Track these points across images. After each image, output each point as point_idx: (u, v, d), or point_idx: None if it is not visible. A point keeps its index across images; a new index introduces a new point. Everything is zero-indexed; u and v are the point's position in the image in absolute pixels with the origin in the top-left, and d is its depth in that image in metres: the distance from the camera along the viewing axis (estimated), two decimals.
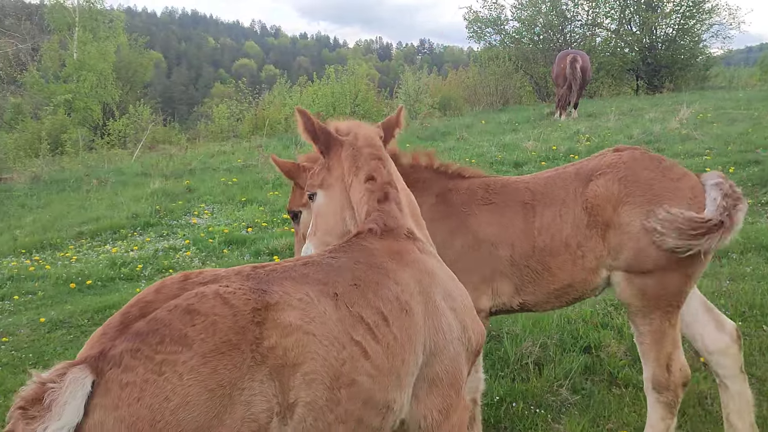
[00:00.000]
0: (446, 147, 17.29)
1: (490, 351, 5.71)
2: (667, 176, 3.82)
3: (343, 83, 30.04)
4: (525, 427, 4.70)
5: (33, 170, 18.38)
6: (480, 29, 33.58)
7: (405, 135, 19.70)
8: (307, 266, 2.62)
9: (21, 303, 8.74)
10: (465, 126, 20.87)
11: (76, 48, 38.68)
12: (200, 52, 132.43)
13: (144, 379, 1.95)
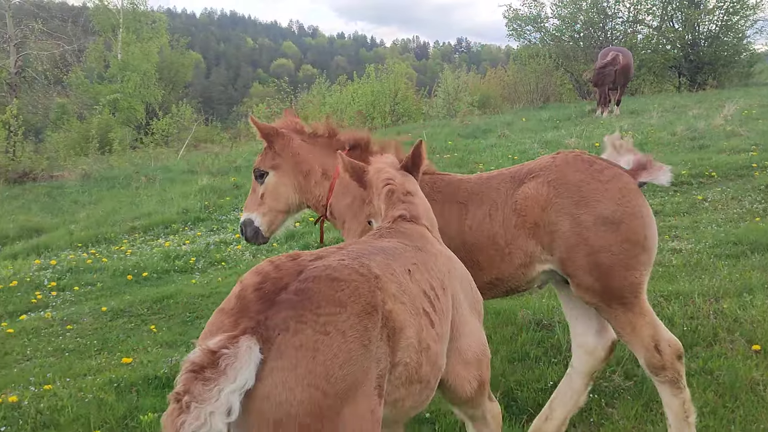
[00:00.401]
0: (488, 144, 17.39)
1: (543, 339, 5.85)
2: (597, 178, 3.91)
3: (383, 82, 30.22)
4: (579, 411, 4.82)
5: (83, 168, 18.88)
6: (520, 27, 33.53)
7: (446, 132, 19.86)
8: (377, 247, 2.85)
9: (81, 293, 9.08)
10: (506, 123, 20.92)
11: (120, 49, 39.41)
12: (239, 52, 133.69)
13: (314, 339, 2.14)
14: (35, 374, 6.25)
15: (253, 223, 4.71)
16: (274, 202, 4.68)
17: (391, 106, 29.42)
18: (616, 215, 3.81)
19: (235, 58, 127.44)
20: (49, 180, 18.92)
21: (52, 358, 6.85)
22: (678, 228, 9.04)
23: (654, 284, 6.85)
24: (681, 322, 5.80)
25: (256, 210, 4.71)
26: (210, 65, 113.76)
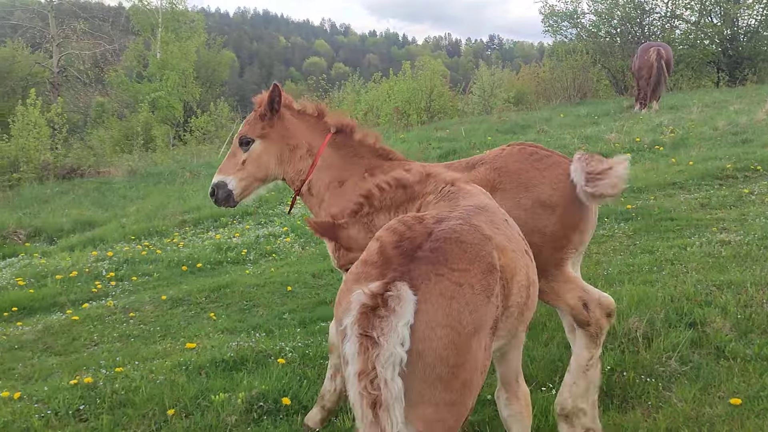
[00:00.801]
0: (527, 140, 17.45)
1: None
2: (535, 166, 4.32)
3: (419, 79, 30.34)
4: (636, 395, 4.96)
5: (129, 164, 19.30)
6: (556, 23, 33.44)
7: (484, 128, 19.96)
8: (476, 207, 3.21)
9: (139, 283, 9.39)
10: (544, 119, 20.95)
11: (159, 48, 40.00)
12: (272, 51, 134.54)
13: (451, 289, 2.59)
14: (104, 358, 6.53)
15: (227, 186, 4.92)
16: (255, 170, 4.91)
17: (427, 103, 29.54)
18: (552, 199, 4.23)
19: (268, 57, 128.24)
20: (96, 176, 19.41)
21: (119, 344, 7.14)
22: (725, 220, 9.10)
23: (705, 274, 6.96)
24: (735, 310, 5.90)
25: (233, 174, 4.91)
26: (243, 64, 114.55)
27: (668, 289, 6.53)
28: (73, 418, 5.27)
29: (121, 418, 5.14)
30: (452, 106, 30.54)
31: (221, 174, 4.96)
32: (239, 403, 5.14)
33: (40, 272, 9.91)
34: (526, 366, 5.40)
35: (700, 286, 6.57)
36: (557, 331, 6.01)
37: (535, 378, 5.26)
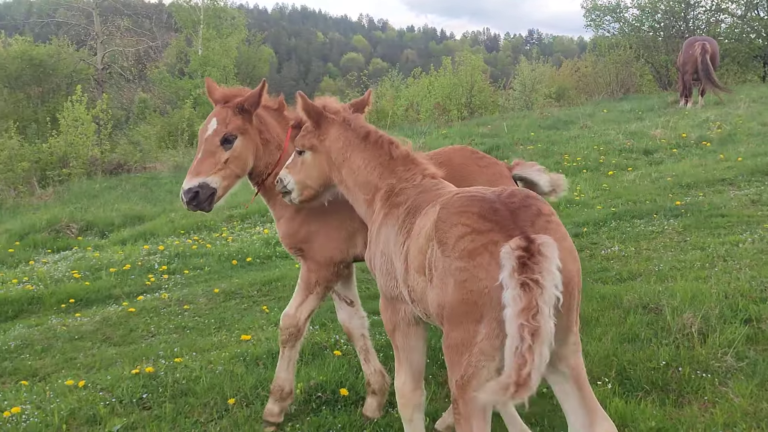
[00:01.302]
0: (570, 135, 17.40)
1: (651, 321, 5.99)
2: (476, 163, 4.76)
3: (460, 74, 30.29)
4: (693, 390, 4.97)
5: (174, 160, 19.61)
6: (598, 17, 33.13)
7: (526, 123, 19.90)
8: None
9: (191, 277, 9.59)
10: (587, 115, 20.83)
11: (201, 45, 40.45)
12: (309, 47, 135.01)
13: (562, 232, 3.14)
14: (163, 349, 6.72)
15: (210, 185, 4.68)
16: (238, 168, 4.78)
17: (467, 99, 29.49)
18: None
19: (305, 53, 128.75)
20: (142, 171, 19.77)
21: (175, 335, 7.32)
22: None
23: (759, 270, 6.92)
24: None
25: (215, 173, 4.69)
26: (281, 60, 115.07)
27: (722, 285, 6.51)
28: (137, 406, 5.44)
29: (183, 407, 5.30)
30: (493, 102, 30.44)
31: (201, 175, 4.68)
32: (298, 393, 5.26)
33: (94, 265, 10.17)
34: None
35: (755, 282, 6.54)
36: (610, 326, 6.03)
37: (590, 373, 5.29)
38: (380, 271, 3.86)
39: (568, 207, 10.97)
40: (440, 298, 3.08)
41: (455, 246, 3.01)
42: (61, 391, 5.78)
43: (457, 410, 3.09)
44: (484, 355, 2.96)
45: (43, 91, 35.61)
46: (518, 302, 2.69)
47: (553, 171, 5.12)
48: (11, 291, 9.14)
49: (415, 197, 3.77)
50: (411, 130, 21.67)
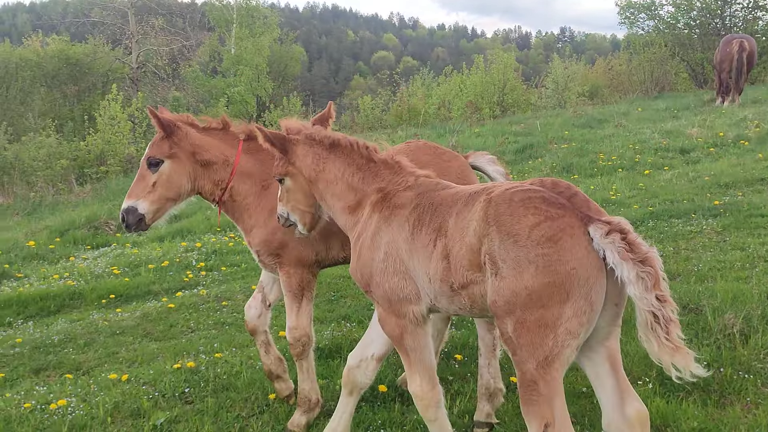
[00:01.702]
0: (605, 134, 17.28)
1: (691, 322, 5.95)
2: (441, 158, 4.96)
3: (492, 73, 30.19)
4: (735, 391, 4.94)
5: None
6: (633, 15, 32.80)
7: (560, 122, 19.79)
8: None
9: (228, 273, 9.70)
10: (621, 114, 20.64)
11: (234, 44, 40.76)
12: (340, 45, 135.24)
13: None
14: (203, 344, 6.81)
15: (137, 210, 4.86)
16: (166, 191, 4.91)
17: (500, 97, 29.39)
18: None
19: (336, 51, 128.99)
20: None
21: (214, 331, 7.41)
22: None
23: None
24: None
25: (143, 197, 4.87)
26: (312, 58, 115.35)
27: (763, 285, 6.46)
28: (180, 400, 5.54)
29: (225, 401, 5.38)
30: (525, 100, 30.29)
31: (130, 198, 4.90)
32: (338, 389, 5.30)
33: (134, 261, 10.32)
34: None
35: None
36: None
37: (630, 372, 5.28)
38: (384, 274, 3.89)
39: (605, 206, 10.89)
40: (515, 286, 3.19)
41: (531, 235, 3.18)
42: (105, 384, 5.90)
43: (536, 392, 3.21)
44: (570, 334, 3.17)
45: (79, 89, 36.17)
46: (647, 278, 3.03)
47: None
48: (53, 286, 9.31)
49: (424, 197, 3.86)
50: (443, 128, 21.65)
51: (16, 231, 13.04)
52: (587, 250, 3.16)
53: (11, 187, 19.23)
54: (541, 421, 3.23)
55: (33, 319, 8.36)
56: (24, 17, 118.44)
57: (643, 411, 3.44)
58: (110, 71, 37.18)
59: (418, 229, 3.74)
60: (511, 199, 3.31)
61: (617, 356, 3.48)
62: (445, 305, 3.73)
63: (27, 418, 5.33)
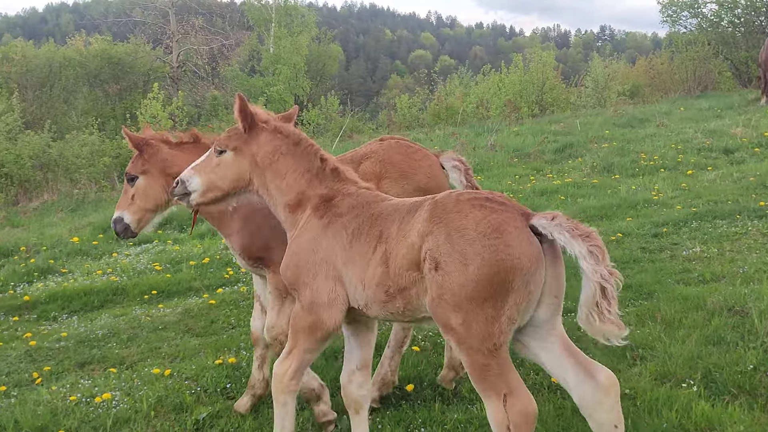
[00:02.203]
0: (646, 134, 17.06)
1: (737, 324, 5.86)
2: (412, 158, 5.17)
3: (530, 71, 29.99)
4: None
5: None
6: (675, 13, 32.30)
7: (600, 121, 19.58)
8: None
9: None
10: (663, 113, 20.35)
11: (272, 43, 41.03)
12: (378, 44, 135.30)
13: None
14: (244, 340, 6.86)
15: (123, 220, 5.30)
16: (144, 203, 5.28)
17: (538, 96, 29.19)
18: (427, 185, 5.03)
19: (374, 50, 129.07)
20: None
21: None
22: None
23: None
24: None
25: (126, 209, 5.30)
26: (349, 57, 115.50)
27: None
28: (222, 396, 5.60)
29: (267, 398, 5.41)
30: (564, 99, 30.03)
31: (118, 209, 5.36)
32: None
33: (175, 258, 10.45)
34: (664, 363, 5.36)
35: None
36: (694, 328, 5.92)
37: (673, 375, 5.21)
38: (315, 277, 4.06)
39: (647, 206, 10.77)
40: (462, 279, 3.36)
41: (478, 227, 3.39)
42: (148, 379, 5.99)
43: (491, 372, 3.41)
44: (510, 320, 3.40)
45: (120, 88, 36.71)
46: (597, 252, 3.30)
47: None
48: (96, 282, 9.47)
49: (364, 208, 4.03)
50: (481, 127, 21.56)
51: (60, 227, 13.27)
52: (529, 241, 3.38)
53: (55, 184, 19.56)
54: (499, 393, 3.41)
55: (77, 314, 8.51)
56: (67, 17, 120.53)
57: (612, 376, 3.58)
58: (151, 70, 37.67)
59: (357, 238, 3.91)
60: (458, 199, 3.57)
61: (568, 341, 3.70)
62: (376, 311, 3.89)
63: (73, 410, 5.43)
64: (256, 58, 43.28)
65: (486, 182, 13.68)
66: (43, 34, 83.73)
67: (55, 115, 30.20)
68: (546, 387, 5.22)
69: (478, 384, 3.47)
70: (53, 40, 42.66)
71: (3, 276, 10.03)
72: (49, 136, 21.87)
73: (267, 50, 41.42)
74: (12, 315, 8.46)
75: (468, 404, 5.11)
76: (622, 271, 7.76)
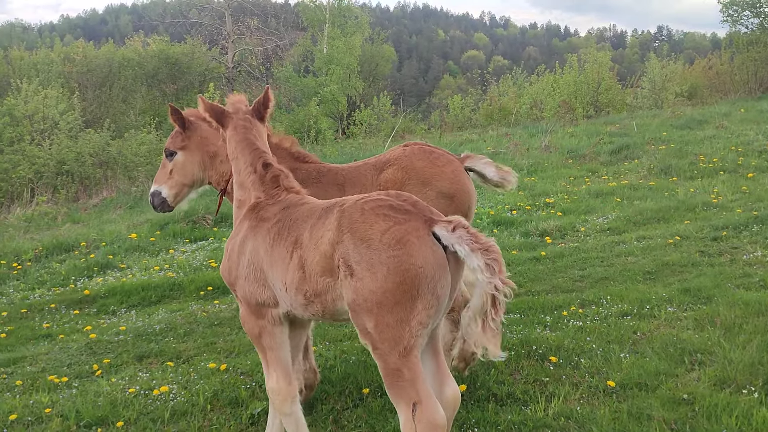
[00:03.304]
0: (705, 135, 16.73)
1: None
2: (435, 164, 5.19)
3: (586, 72, 29.63)
4: None
5: None
6: (736, 12, 31.56)
7: (657, 123, 19.24)
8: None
9: None
10: (722, 114, 19.94)
11: (326, 43, 41.28)
12: (430, 44, 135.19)
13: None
14: None
15: (161, 194, 5.61)
16: (181, 177, 5.57)
17: (593, 97, 28.82)
18: (451, 190, 5.13)
19: (426, 51, 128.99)
20: None
21: None
22: None
23: None
24: None
25: (164, 183, 5.59)
26: (402, 58, 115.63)
27: None
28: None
29: (320, 394, 5.46)
30: (620, 100, 29.59)
31: (156, 184, 5.63)
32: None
33: None
34: (723, 368, 5.26)
35: None
36: (755, 334, 5.79)
37: (733, 380, 5.10)
38: (246, 279, 4.21)
39: (705, 209, 10.56)
40: (371, 286, 3.45)
41: (382, 239, 3.46)
42: (205, 373, 6.08)
43: (402, 378, 3.48)
44: (421, 324, 3.47)
45: (177, 88, 37.34)
46: (493, 265, 3.32)
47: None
48: (154, 277, 9.65)
49: (286, 212, 4.14)
50: (535, 128, 21.40)
51: (119, 224, 13.56)
52: (432, 249, 3.46)
53: (114, 181, 20.03)
54: (409, 401, 3.48)
55: (135, 309, 8.68)
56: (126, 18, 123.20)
57: (458, 393, 3.79)
58: (207, 70, 38.25)
59: (278, 242, 4.02)
60: (363, 208, 3.62)
61: (438, 342, 3.83)
62: (301, 312, 4.01)
63: (132, 402, 5.55)
64: (310, 59, 43.61)
65: (540, 183, 13.58)
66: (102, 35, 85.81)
67: (114, 114, 30.88)
68: (602, 390, 5.15)
69: (390, 391, 3.55)
70: (112, 41, 43.52)
71: (64, 270, 10.30)
72: (109, 135, 22.40)
73: (320, 51, 41.69)
74: (73, 308, 8.68)
75: (522, 405, 5.07)
76: (679, 274, 7.69)
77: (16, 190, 19.48)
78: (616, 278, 8.00)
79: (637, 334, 6.21)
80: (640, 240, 9.55)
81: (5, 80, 30.21)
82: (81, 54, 35.34)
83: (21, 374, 6.43)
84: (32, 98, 23.68)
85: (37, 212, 15.52)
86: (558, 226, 10.56)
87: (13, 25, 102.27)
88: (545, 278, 8.32)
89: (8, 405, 5.62)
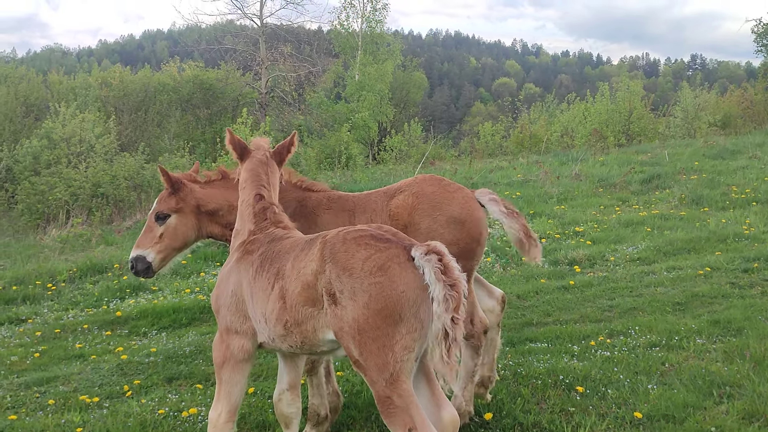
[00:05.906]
0: (738, 166, 16.58)
1: None
2: (446, 190, 5.25)
3: (617, 100, 29.55)
4: None
5: (332, 181, 20.28)
6: None
7: (689, 152, 19.11)
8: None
9: None
10: (756, 144, 19.75)
11: (358, 70, 41.66)
12: (462, 72, 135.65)
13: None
14: None
15: (146, 259, 5.48)
16: (172, 241, 5.51)
17: (625, 125, 28.72)
18: (462, 216, 5.13)
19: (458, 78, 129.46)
20: None
21: None
22: None
23: None
24: None
25: (150, 247, 5.49)
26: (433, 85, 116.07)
27: None
28: (303, 415, 5.69)
29: (346, 419, 5.51)
30: (652, 129, 29.44)
31: (139, 248, 5.50)
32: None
33: None
34: (753, 401, 5.21)
35: None
36: None
37: (762, 414, 5.06)
38: (228, 308, 4.34)
39: (737, 241, 10.46)
40: (354, 313, 3.53)
41: (363, 267, 3.54)
42: None
43: (393, 405, 3.51)
44: (406, 349, 3.50)
45: (211, 113, 37.81)
46: (451, 301, 3.33)
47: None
48: (185, 300, 9.78)
49: (270, 246, 4.26)
50: (565, 156, 21.36)
51: None
52: (413, 274, 3.51)
53: (148, 204, 20.28)
54: (404, 427, 3.50)
55: (166, 330, 8.80)
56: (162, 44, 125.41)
57: (456, 416, 3.76)
58: (240, 96, 38.72)
59: (260, 274, 4.13)
60: (345, 238, 3.71)
61: (431, 370, 3.80)
62: (279, 344, 4.11)
63: (161, 423, 5.64)
64: (341, 85, 44.01)
65: (570, 212, 13.56)
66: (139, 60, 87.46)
67: (148, 138, 31.35)
68: (629, 422, 5.14)
69: (385, 419, 3.58)
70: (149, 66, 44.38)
71: (97, 292, 10.47)
72: (143, 158, 22.73)
73: (352, 77, 42.06)
74: (105, 329, 8.83)
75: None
76: (709, 306, 7.64)
77: (53, 212, 19.86)
78: (645, 309, 7.96)
79: (666, 366, 6.18)
80: (669, 270, 9.50)
81: (44, 104, 30.88)
82: (118, 78, 36.01)
83: (54, 393, 6.55)
84: (69, 122, 24.18)
85: (72, 234, 15.78)
86: (587, 255, 10.53)
87: (53, 50, 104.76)
88: (573, 307, 8.30)
89: (41, 424, 5.74)
